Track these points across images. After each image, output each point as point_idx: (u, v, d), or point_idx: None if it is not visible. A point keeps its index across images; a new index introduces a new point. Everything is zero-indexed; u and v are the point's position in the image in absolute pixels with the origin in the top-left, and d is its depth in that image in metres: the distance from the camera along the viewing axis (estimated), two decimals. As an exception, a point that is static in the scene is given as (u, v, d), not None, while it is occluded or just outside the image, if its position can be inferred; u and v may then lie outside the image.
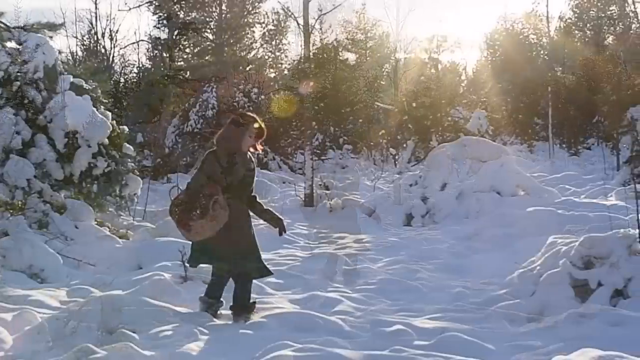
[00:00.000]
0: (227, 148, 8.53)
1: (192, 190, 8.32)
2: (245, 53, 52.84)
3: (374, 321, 8.34)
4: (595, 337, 7.25)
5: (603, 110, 43.82)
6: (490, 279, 10.96)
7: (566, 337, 7.53)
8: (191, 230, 8.24)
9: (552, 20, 60.98)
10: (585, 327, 7.89)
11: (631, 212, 13.81)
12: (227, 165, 8.40)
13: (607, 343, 6.62)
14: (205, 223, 8.15)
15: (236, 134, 8.57)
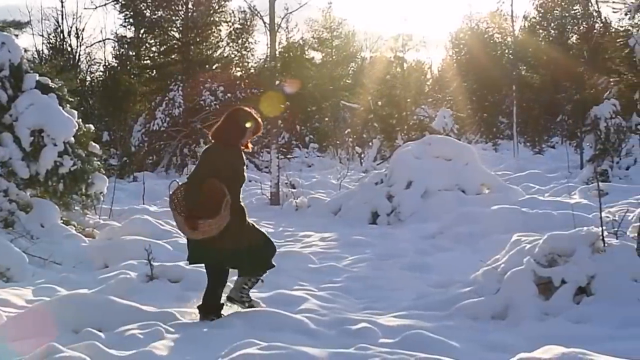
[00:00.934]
0: (226, 142, 8.48)
1: (194, 186, 8.27)
2: (211, 52, 52.56)
3: (340, 319, 8.35)
4: (558, 335, 7.32)
5: (567, 109, 44.11)
6: (455, 277, 11.01)
7: (530, 334, 7.60)
8: (197, 229, 8.19)
9: (516, 19, 61.09)
10: (549, 325, 7.97)
11: (594, 210, 13.92)
12: (227, 160, 8.37)
13: (570, 340, 6.66)
14: (214, 223, 8.12)
15: (236, 128, 8.52)
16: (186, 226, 8.28)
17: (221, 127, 8.58)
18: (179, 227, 8.64)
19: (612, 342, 7.09)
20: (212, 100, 43.68)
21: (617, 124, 28.02)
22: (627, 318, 7.82)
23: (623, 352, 6.15)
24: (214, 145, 8.55)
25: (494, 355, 6.90)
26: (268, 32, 25.18)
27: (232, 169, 8.40)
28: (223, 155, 8.37)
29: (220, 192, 8.10)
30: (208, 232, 8.15)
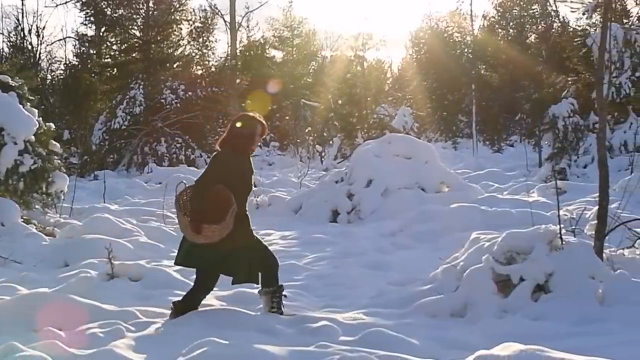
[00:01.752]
0: (236, 150, 8.47)
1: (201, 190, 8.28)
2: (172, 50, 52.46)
3: (300, 317, 8.35)
4: (517, 332, 7.37)
5: (525, 108, 44.38)
6: (414, 275, 11.06)
7: (489, 331, 7.64)
8: (201, 233, 8.17)
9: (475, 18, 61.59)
10: (508, 322, 8.02)
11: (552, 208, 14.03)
12: (236, 167, 8.37)
13: (528, 337, 6.71)
14: (218, 229, 8.12)
15: (244, 135, 8.51)
16: (190, 229, 8.25)
17: (229, 136, 8.58)
18: (181, 228, 8.54)
19: (570, 339, 7.16)
20: (173, 98, 43.54)
21: (574, 122, 28.23)
22: (584, 315, 7.90)
23: (580, 349, 6.20)
24: (223, 152, 8.53)
25: (453, 352, 6.92)
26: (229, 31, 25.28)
27: (241, 176, 8.42)
28: (232, 162, 8.38)
29: (227, 199, 8.12)
30: (210, 237, 8.17)
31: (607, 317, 7.86)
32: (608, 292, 8.37)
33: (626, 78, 27.76)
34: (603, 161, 9.65)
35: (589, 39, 28.15)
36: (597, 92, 10.34)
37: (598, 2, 25.50)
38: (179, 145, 42.26)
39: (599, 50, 10.23)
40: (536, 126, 38.01)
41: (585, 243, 9.15)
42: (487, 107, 56.49)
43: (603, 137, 9.86)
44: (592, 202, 14.73)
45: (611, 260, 9.46)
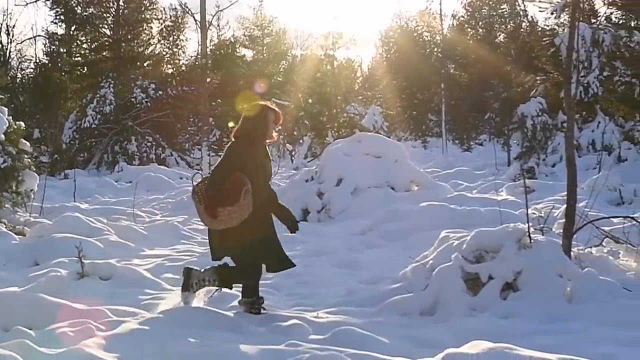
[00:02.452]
0: (252, 139, 8.45)
1: (218, 178, 8.25)
2: (142, 49, 52.38)
3: (270, 316, 8.38)
4: (486, 330, 7.42)
5: (494, 107, 44.56)
6: (384, 274, 11.09)
7: (458, 329, 7.69)
8: (218, 218, 8.15)
9: (445, 18, 61.74)
10: (477, 320, 8.06)
11: (521, 207, 14.13)
12: (252, 157, 8.36)
13: (497, 335, 6.75)
14: (234, 211, 8.07)
15: (259, 123, 8.53)
16: (206, 214, 8.24)
17: (242, 125, 8.58)
18: (201, 218, 8.52)
19: (538, 337, 7.21)
20: (144, 97, 43.53)
21: (543, 121, 28.39)
22: (553, 313, 7.97)
23: (548, 347, 6.25)
24: (237, 142, 8.50)
25: (423, 350, 6.93)
26: (199, 30, 25.24)
27: (257, 165, 8.41)
28: (247, 151, 8.35)
29: (240, 181, 8.08)
30: (228, 221, 8.13)
31: (575, 315, 7.93)
32: (576, 290, 8.43)
33: (594, 77, 27.96)
34: (571, 160, 9.71)
35: (557, 38, 28.37)
36: (565, 92, 10.43)
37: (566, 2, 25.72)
38: (149, 144, 42.26)
39: (567, 50, 10.30)
40: (505, 125, 38.21)
41: (553, 241, 9.18)
42: (456, 106, 56.63)
43: (571, 136, 9.93)
44: (560, 200, 14.81)
45: (579, 258, 9.53)
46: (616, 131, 27.87)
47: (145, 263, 12.32)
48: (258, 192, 8.28)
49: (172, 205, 22.85)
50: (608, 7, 35.35)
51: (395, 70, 67.01)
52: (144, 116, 42.83)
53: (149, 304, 8.92)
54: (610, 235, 10.18)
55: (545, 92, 29.56)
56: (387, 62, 73.36)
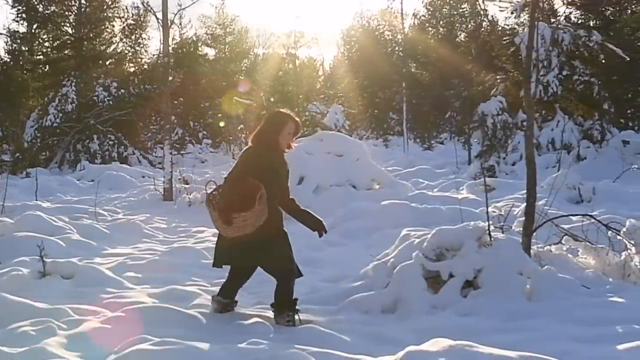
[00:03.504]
0: (268, 146, 8.34)
1: (232, 185, 8.14)
2: (104, 47, 52.30)
3: (233, 314, 8.39)
4: (446, 327, 7.45)
5: (455, 106, 44.75)
6: (346, 272, 11.12)
7: (419, 327, 7.72)
8: (232, 224, 7.99)
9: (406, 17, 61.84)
10: (438, 318, 8.10)
11: (481, 205, 14.26)
12: (268, 163, 8.24)
13: (458, 333, 6.82)
14: (249, 217, 7.91)
15: (277, 130, 8.38)
16: (220, 220, 8.11)
17: (260, 131, 8.47)
18: (215, 224, 8.37)
19: (498, 335, 7.26)
20: (106, 95, 43.43)
21: (503, 120, 28.64)
22: (512, 310, 8.02)
23: (508, 344, 6.28)
24: (253, 148, 8.39)
25: (384, 348, 6.93)
26: (161, 28, 25.02)
27: (272, 171, 8.29)
28: (262, 157, 8.24)
29: (255, 186, 7.93)
30: (243, 227, 7.97)
31: (535, 312, 7.98)
32: (536, 288, 8.50)
33: (554, 76, 28.12)
34: (531, 159, 9.78)
35: (517, 37, 28.53)
36: (525, 91, 10.50)
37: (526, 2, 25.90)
38: (111, 143, 42.16)
39: (526, 49, 10.38)
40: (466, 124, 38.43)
41: (513, 239, 9.26)
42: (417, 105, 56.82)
43: (531, 134, 10.01)
44: (520, 199, 14.93)
45: (539, 256, 9.60)
46: (575, 130, 28.08)
47: (107, 262, 12.25)
48: (272, 200, 8.15)
49: (134, 204, 22.80)
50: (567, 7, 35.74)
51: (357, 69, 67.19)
52: (106, 115, 42.69)
53: (111, 302, 8.86)
54: (570, 233, 10.26)
55: (505, 91, 29.71)
56: (348, 61, 73.53)
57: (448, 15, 69.08)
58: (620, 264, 9.50)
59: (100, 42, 51.35)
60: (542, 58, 27.00)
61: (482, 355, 5.51)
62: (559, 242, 10.22)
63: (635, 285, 9.06)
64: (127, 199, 24.27)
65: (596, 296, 8.49)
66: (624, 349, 6.29)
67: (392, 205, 16.06)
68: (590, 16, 39.06)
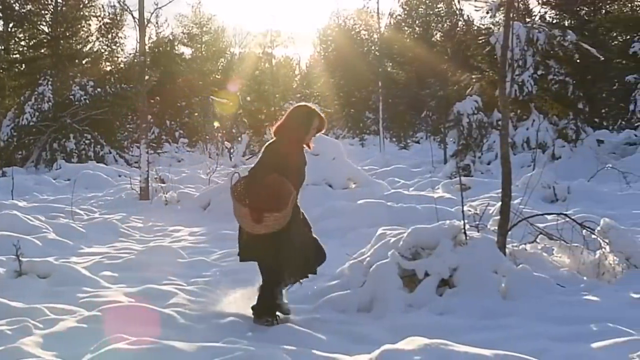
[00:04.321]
0: (292, 141, 8.31)
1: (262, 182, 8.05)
2: (81, 46, 52.19)
3: (209, 313, 8.41)
4: (422, 326, 7.50)
5: (431, 105, 44.83)
6: (322, 271, 11.05)
7: (395, 326, 7.76)
8: (262, 223, 7.92)
9: (382, 16, 61.83)
10: (413, 316, 8.13)
11: (457, 204, 14.31)
12: (292, 160, 8.21)
13: (433, 331, 6.87)
14: (280, 217, 7.88)
15: (303, 125, 8.35)
16: (250, 218, 8.00)
17: (284, 124, 8.38)
18: (241, 220, 8.24)
19: (474, 333, 7.31)
20: (82, 94, 43.33)
21: (479, 119, 28.75)
22: (488, 309, 8.07)
23: (483, 343, 6.34)
24: (277, 142, 8.32)
25: (360, 347, 6.96)
26: (137, 27, 24.96)
27: (295, 166, 8.26)
28: (285, 152, 8.17)
29: (287, 187, 7.91)
30: (271, 226, 7.93)
31: (510, 311, 8.02)
32: (511, 287, 8.55)
33: (529, 76, 28.23)
34: (506, 158, 9.82)
35: (492, 37, 28.61)
36: (500, 90, 10.53)
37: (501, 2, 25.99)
38: (88, 142, 42.09)
39: (502, 49, 10.42)
40: (441, 123, 38.56)
41: (488, 238, 9.31)
42: (393, 104, 56.89)
43: (506, 134, 10.06)
44: (495, 198, 14.97)
45: (514, 255, 9.65)
46: (550, 129, 28.19)
47: (83, 261, 12.24)
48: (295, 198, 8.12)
49: (110, 203, 22.76)
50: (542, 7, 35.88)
51: (333, 69, 67.32)
52: (82, 114, 42.59)
53: (87, 302, 8.86)
54: (544, 232, 10.30)
55: (480, 90, 29.81)
56: (325, 60, 73.64)
57: (424, 14, 69.26)
58: (595, 262, 9.56)
59: (76, 41, 51.22)
60: (517, 57, 27.09)
61: (457, 354, 5.54)
62: (534, 241, 10.26)
63: (609, 284, 9.13)
64: (103, 198, 24.22)
65: (571, 295, 8.55)
66: (599, 347, 6.34)
67: (368, 204, 16.09)
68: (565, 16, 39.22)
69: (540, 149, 27.38)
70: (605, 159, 26.58)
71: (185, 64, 65.84)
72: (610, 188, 19.07)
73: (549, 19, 38.02)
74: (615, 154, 29.87)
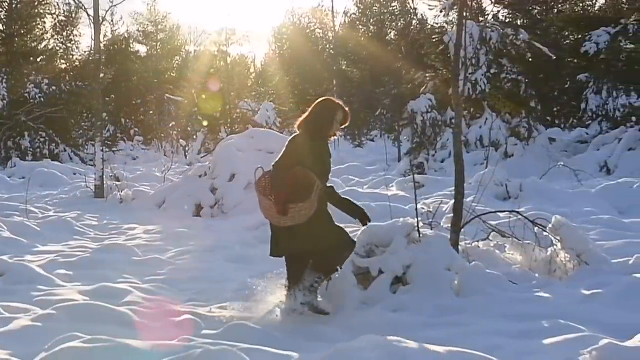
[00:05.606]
0: (316, 134, 8.31)
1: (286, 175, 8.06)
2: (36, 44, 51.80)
3: (163, 311, 8.37)
4: (376, 323, 7.55)
5: (385, 104, 44.99)
6: (277, 269, 11.17)
7: (349, 323, 7.79)
8: (288, 214, 7.93)
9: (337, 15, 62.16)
10: (367, 314, 8.14)
11: (411, 202, 14.39)
12: (315, 151, 8.19)
13: (387, 329, 6.96)
14: (304, 207, 7.87)
15: (326, 118, 8.38)
16: (275, 211, 8.03)
17: (308, 119, 8.41)
18: (266, 213, 8.25)
19: (427, 330, 7.34)
20: (37, 92, 43.03)
21: (433, 118, 28.89)
22: (441, 306, 8.12)
23: (437, 340, 6.39)
24: (301, 136, 8.35)
25: (315, 345, 7.00)
26: (92, 25, 24.87)
27: (319, 160, 8.25)
28: (309, 145, 8.18)
29: (310, 177, 7.90)
30: (297, 218, 7.93)
31: (463, 307, 8.09)
32: (464, 284, 8.61)
33: (482, 75, 28.40)
34: (459, 156, 9.90)
35: (446, 36, 28.79)
36: (453, 89, 10.60)
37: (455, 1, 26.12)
38: (43, 140, 41.79)
39: (455, 48, 10.51)
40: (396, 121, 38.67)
41: (442, 236, 9.40)
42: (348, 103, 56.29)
43: (459, 132, 10.14)
44: (449, 195, 15.10)
45: (467, 252, 9.73)
46: (503, 127, 28.39)
47: (38, 259, 12.19)
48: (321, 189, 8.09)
49: (65, 201, 22.66)
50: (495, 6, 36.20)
51: (288, 67, 67.32)
52: (37, 112, 42.30)
53: (42, 300, 8.83)
54: (497, 229, 10.38)
55: (434, 89, 29.96)
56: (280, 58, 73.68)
57: (378, 13, 69.43)
58: (547, 259, 9.64)
59: (31, 39, 50.83)
60: (471, 56, 27.24)
61: (411, 351, 5.57)
62: (487, 238, 10.34)
63: (561, 281, 9.21)
64: (58, 197, 24.09)
65: (523, 292, 8.64)
66: (550, 343, 6.42)
67: (323, 202, 16.12)
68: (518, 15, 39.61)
69: (493, 147, 27.58)
70: (557, 157, 26.83)
71: (140, 62, 65.55)
72: (562, 186, 19.24)
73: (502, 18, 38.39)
74: (567, 152, 30.19)
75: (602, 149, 27.19)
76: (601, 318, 7.38)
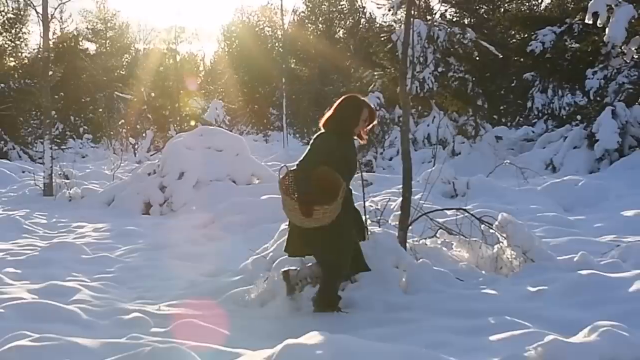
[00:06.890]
0: (341, 132, 8.16)
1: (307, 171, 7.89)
2: (-16, 42, 51.66)
3: (112, 309, 8.36)
4: (325, 321, 7.61)
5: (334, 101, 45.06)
6: (226, 266, 11.20)
7: (299, 321, 7.82)
8: (312, 216, 7.76)
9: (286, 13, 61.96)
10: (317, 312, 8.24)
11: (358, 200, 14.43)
12: (341, 152, 8.03)
13: (336, 326, 7.05)
14: (330, 210, 7.71)
15: (351, 116, 8.20)
16: (300, 212, 7.85)
17: (333, 116, 8.20)
18: (289, 213, 8.09)
19: (375, 327, 7.38)
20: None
21: (381, 116, 28.98)
22: (389, 303, 8.14)
23: (385, 336, 6.48)
24: (326, 133, 8.15)
25: (263, 342, 6.96)
26: (41, 22, 24.72)
27: (344, 159, 8.08)
28: (334, 144, 8.01)
29: (336, 178, 7.76)
30: (321, 219, 7.77)
31: (411, 304, 8.12)
32: (411, 281, 8.65)
33: (429, 73, 28.61)
34: (407, 154, 9.94)
35: (394, 34, 28.95)
36: (400, 87, 10.64)
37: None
38: (-9, 138, 41.54)
39: (403, 46, 10.57)
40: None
41: (389, 233, 9.43)
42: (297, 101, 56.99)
43: (407, 130, 10.20)
44: (396, 193, 15.13)
45: (414, 249, 9.76)
46: (450, 125, 28.64)
47: (-15, 258, 12.14)
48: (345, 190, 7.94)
49: (14, 199, 22.51)
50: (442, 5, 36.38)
51: (237, 65, 67.31)
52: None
53: (-11, 299, 8.80)
54: (444, 227, 10.46)
55: (382, 87, 30.11)
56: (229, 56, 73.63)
57: (327, 11, 69.57)
58: (493, 256, 9.73)
59: (-20, 36, 50.54)
60: (418, 55, 27.37)
61: (359, 348, 5.57)
62: (434, 235, 10.41)
63: (507, 278, 9.29)
64: (6, 194, 23.93)
65: (470, 288, 8.72)
66: (497, 339, 6.45)
67: (272, 199, 16.13)
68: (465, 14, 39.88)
69: (440, 145, 27.78)
70: (504, 155, 27.07)
71: (89, 59, 65.13)
72: (508, 183, 19.40)
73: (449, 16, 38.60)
74: (513, 150, 30.48)
75: (547, 147, 27.42)
76: (546, 314, 7.44)
